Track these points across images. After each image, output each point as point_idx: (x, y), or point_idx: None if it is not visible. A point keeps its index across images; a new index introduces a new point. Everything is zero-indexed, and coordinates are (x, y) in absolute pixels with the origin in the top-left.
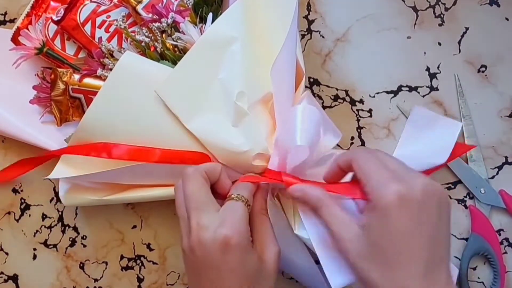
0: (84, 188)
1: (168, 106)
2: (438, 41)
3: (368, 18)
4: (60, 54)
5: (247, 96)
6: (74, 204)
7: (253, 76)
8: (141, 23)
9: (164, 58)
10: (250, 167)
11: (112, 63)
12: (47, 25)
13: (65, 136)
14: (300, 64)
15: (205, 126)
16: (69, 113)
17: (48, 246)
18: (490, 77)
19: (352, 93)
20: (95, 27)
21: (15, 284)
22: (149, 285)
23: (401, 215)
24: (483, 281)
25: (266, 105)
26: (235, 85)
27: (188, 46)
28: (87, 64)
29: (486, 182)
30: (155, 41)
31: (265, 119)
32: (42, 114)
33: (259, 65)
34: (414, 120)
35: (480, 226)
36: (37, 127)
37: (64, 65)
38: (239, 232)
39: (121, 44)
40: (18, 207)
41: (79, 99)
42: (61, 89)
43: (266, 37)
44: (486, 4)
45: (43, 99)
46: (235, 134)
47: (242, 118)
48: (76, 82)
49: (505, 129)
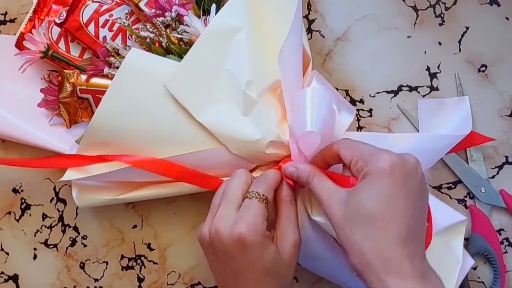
0: (97, 188)
1: (178, 100)
2: (438, 41)
3: (368, 17)
4: (65, 57)
5: (256, 84)
6: (89, 205)
7: (260, 64)
8: (144, 19)
9: (170, 52)
10: (264, 155)
11: (118, 61)
12: (50, 28)
13: (75, 137)
14: (306, 50)
15: (216, 117)
16: (78, 114)
17: (48, 246)
18: (490, 77)
19: (352, 93)
20: (98, 27)
21: (15, 284)
22: (149, 285)
23: (390, 181)
24: (483, 281)
25: (275, 93)
26: (243, 75)
27: (193, 39)
28: (93, 64)
29: (486, 181)
30: (159, 36)
31: (275, 107)
32: (51, 117)
33: (265, 53)
34: (424, 112)
35: (481, 226)
36: (47, 130)
37: (70, 67)
38: (255, 230)
39: (126, 42)
40: (19, 207)
41: (87, 100)
42: (69, 90)
43: (271, 25)
44: (486, 3)
45: (51, 102)
46: (246, 124)
47: (252, 107)
48: (84, 82)
49: (505, 128)
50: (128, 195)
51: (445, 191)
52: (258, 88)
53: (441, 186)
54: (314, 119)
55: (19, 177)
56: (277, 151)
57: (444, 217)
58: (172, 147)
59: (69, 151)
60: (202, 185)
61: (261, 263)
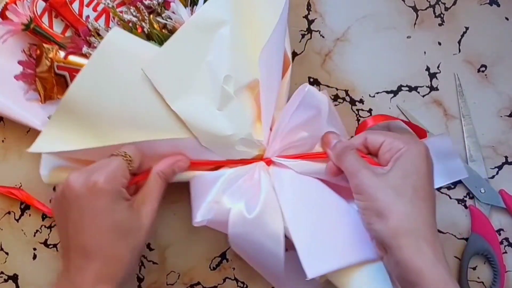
0: (68, 168)
1: (154, 85)
2: (438, 41)
3: (368, 17)
4: (47, 32)
5: (234, 80)
6: (55, 183)
7: (240, 60)
8: (129, 2)
9: (151, 39)
10: (233, 152)
11: (98, 42)
12: (35, 2)
13: (49, 114)
14: (287, 53)
15: (190, 107)
16: (54, 90)
17: (48, 246)
18: (490, 77)
19: (352, 93)
20: (83, 5)
21: (15, 284)
22: (149, 285)
23: (424, 163)
24: (483, 281)
25: (252, 91)
26: (223, 69)
27: (177, 26)
28: (73, 42)
29: (486, 182)
30: (142, 21)
31: (251, 106)
32: (27, 91)
33: (247, 50)
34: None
35: (480, 226)
36: (22, 103)
37: (51, 42)
38: (109, 178)
39: (109, 24)
40: (18, 207)
41: (64, 77)
42: (47, 66)
43: (256, 23)
44: (486, 4)
45: (28, 75)
46: (219, 118)
47: (228, 102)
48: (62, 59)
49: (504, 128)
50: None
51: (445, 191)
52: (236, 84)
53: (441, 187)
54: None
55: (19, 177)
56: (247, 149)
57: None
58: (143, 131)
59: (40, 126)
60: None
61: (110, 215)
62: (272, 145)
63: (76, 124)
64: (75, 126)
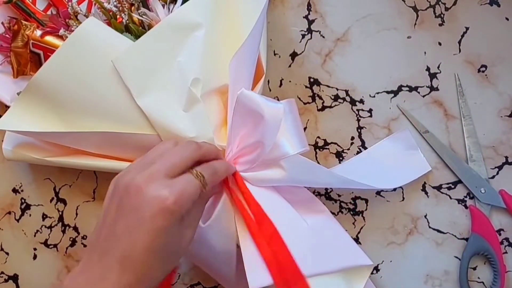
0: (32, 146)
1: (122, 78)
2: (438, 41)
3: (368, 18)
4: (29, 7)
5: (202, 83)
6: (16, 160)
7: (211, 65)
8: None
9: (128, 31)
10: None
11: (76, 25)
12: None
13: (20, 89)
14: (261, 63)
15: (155, 105)
16: (28, 67)
17: (48, 246)
18: (490, 77)
19: (352, 93)
20: None
21: (15, 284)
22: None
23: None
24: (483, 281)
25: (222, 97)
26: (192, 71)
27: (153, 24)
28: (52, 22)
29: (486, 182)
30: (122, 12)
31: (217, 110)
32: (2, 62)
33: (220, 55)
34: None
35: (480, 226)
36: None
37: (31, 18)
38: (180, 202)
39: (91, 10)
40: (19, 207)
41: (38, 55)
42: (22, 42)
43: (233, 30)
44: (486, 4)
45: (3, 48)
46: (184, 119)
47: (194, 104)
48: (38, 37)
49: (505, 129)
50: (57, 159)
51: (445, 191)
52: (204, 87)
53: (441, 186)
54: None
55: (19, 177)
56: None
57: (350, 256)
58: (106, 123)
59: (9, 101)
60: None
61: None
62: (230, 149)
63: (43, 106)
64: (43, 108)
